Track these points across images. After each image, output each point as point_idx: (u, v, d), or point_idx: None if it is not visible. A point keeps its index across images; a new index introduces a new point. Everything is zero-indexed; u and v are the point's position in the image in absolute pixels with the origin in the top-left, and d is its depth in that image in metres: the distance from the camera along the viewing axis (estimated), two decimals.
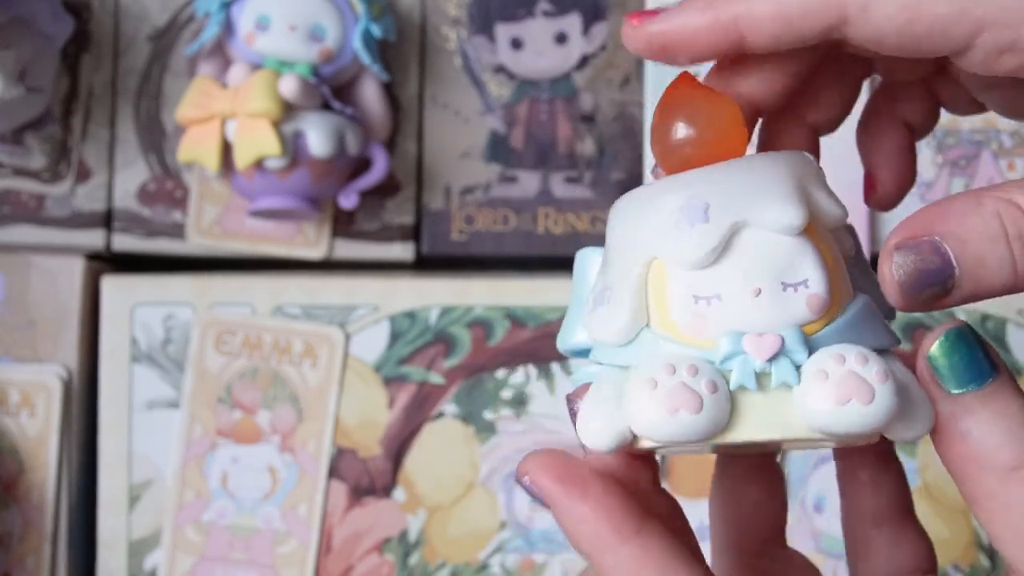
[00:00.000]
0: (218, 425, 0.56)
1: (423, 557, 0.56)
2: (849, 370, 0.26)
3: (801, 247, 0.27)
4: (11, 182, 0.57)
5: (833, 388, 0.26)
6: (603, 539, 0.28)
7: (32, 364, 0.56)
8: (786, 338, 0.27)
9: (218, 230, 0.58)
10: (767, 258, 0.27)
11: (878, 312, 0.29)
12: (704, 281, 0.27)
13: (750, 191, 0.28)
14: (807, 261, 0.27)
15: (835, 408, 0.26)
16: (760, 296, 0.27)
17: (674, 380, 0.27)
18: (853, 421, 0.26)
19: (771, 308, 0.27)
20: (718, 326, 0.27)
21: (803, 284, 0.27)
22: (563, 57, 0.58)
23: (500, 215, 0.58)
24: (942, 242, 0.26)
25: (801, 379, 0.27)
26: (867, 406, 0.26)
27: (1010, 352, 0.55)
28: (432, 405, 0.56)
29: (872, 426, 0.26)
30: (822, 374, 0.27)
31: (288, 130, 0.52)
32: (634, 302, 0.28)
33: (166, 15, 0.58)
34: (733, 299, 0.27)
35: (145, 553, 0.56)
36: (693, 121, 0.29)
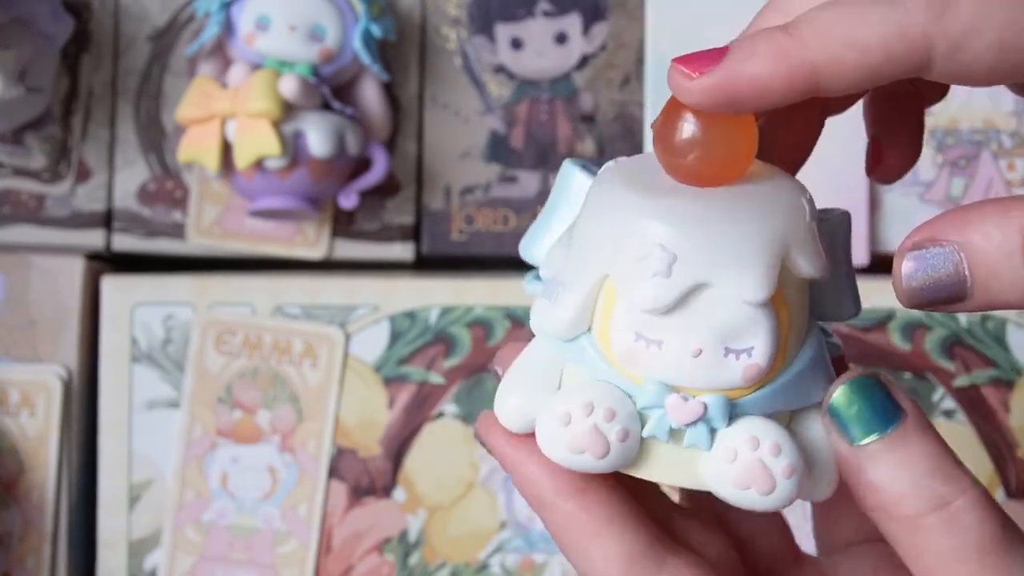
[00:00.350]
0: (218, 425, 0.56)
1: (423, 557, 0.56)
2: (757, 458, 0.27)
3: (757, 317, 0.27)
4: (11, 182, 0.57)
5: (737, 473, 0.27)
6: (546, 498, 0.28)
7: (32, 364, 0.56)
8: (709, 406, 0.27)
9: (218, 230, 0.58)
10: (718, 321, 0.27)
11: (822, 357, 0.28)
12: (649, 324, 0.27)
13: (723, 252, 0.26)
14: (758, 331, 0.27)
15: (733, 490, 0.27)
16: (699, 356, 0.27)
17: (587, 422, 0.27)
18: (749, 504, 0.27)
19: (705, 370, 0.27)
20: (650, 370, 0.27)
21: (746, 352, 0.27)
22: (563, 57, 0.58)
23: (500, 215, 0.58)
24: (958, 251, 0.25)
25: (713, 448, 0.27)
26: (764, 496, 0.27)
27: (1010, 352, 0.55)
28: (432, 405, 0.56)
29: (765, 510, 0.27)
30: (731, 454, 0.27)
31: (288, 130, 0.52)
32: (580, 309, 0.28)
33: (166, 15, 0.58)
34: (672, 351, 0.27)
35: (145, 553, 0.56)
36: (706, 127, 0.27)
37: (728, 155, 0.28)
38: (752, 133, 0.28)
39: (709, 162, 0.27)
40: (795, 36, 0.25)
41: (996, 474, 0.55)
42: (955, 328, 0.55)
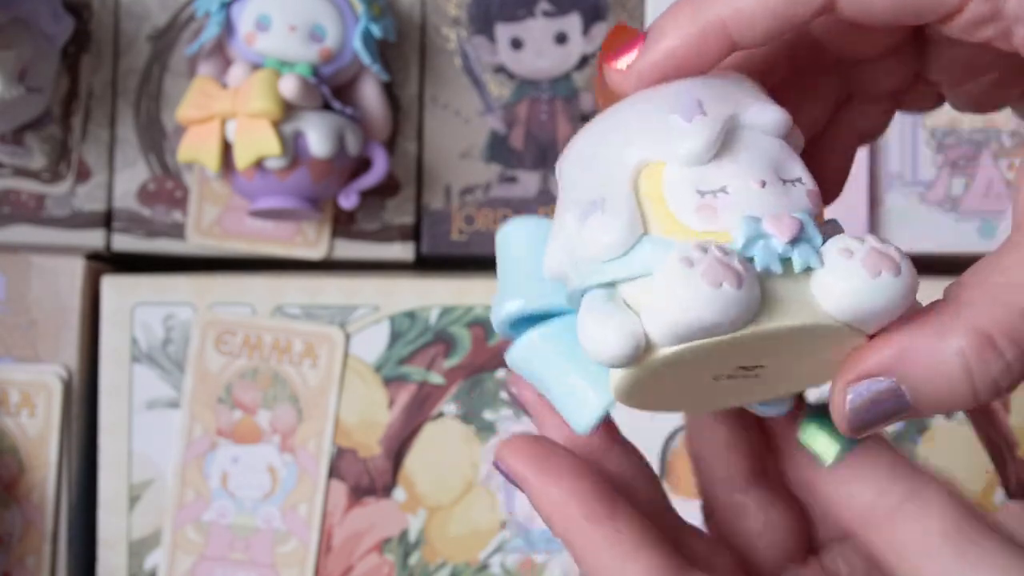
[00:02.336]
0: (218, 425, 0.56)
1: (423, 557, 0.56)
2: (872, 247, 0.26)
3: (788, 151, 0.27)
4: (11, 182, 0.57)
5: (862, 263, 0.25)
6: (574, 522, 0.28)
7: (32, 364, 0.56)
8: (803, 221, 0.26)
9: (218, 230, 0.58)
10: (763, 156, 0.27)
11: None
12: (707, 176, 0.26)
13: (731, 92, 0.27)
14: (797, 163, 0.27)
15: (868, 281, 0.25)
16: (765, 188, 0.26)
17: (710, 256, 0.25)
18: (887, 293, 0.25)
19: (778, 198, 0.26)
20: (732, 214, 0.26)
21: (799, 181, 0.27)
22: (563, 57, 0.58)
23: (500, 215, 0.58)
24: (899, 384, 0.26)
25: (825, 261, 0.26)
26: (897, 277, 0.25)
27: None
28: (432, 405, 0.56)
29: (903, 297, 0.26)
30: (847, 252, 0.25)
31: (288, 130, 0.52)
32: (629, 208, 0.27)
33: (166, 15, 0.58)
34: (740, 191, 0.26)
35: (145, 553, 0.56)
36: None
37: None
38: None
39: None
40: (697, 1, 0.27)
41: (996, 474, 0.55)
42: None
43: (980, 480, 0.55)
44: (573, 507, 0.28)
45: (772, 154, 0.27)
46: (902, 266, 0.25)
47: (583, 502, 0.28)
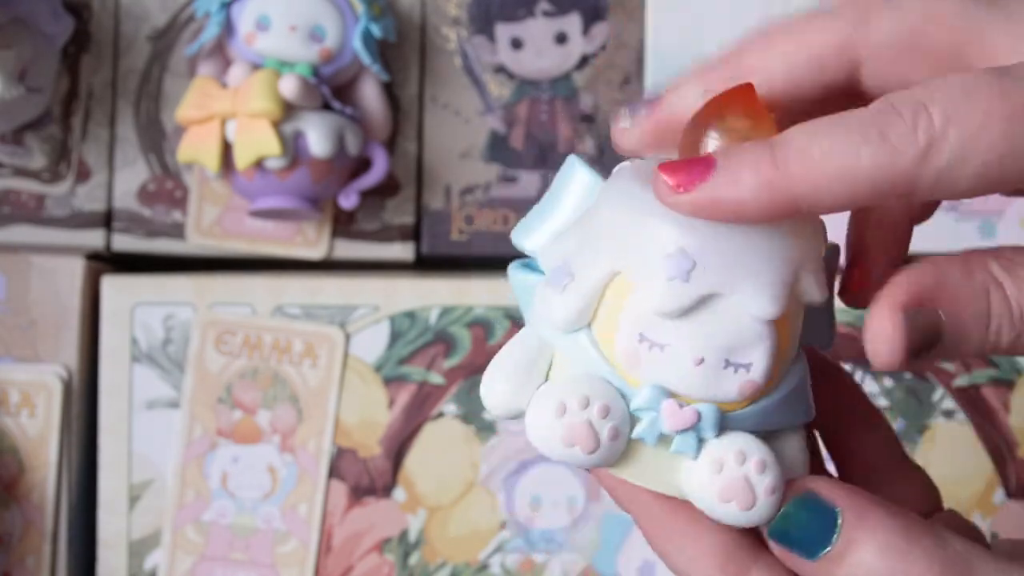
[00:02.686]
0: (218, 425, 0.56)
1: (423, 557, 0.56)
2: (742, 474, 0.27)
3: (762, 334, 0.27)
4: (11, 182, 0.57)
5: (720, 485, 0.27)
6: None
7: (32, 364, 0.56)
8: (703, 416, 0.27)
9: (218, 230, 0.58)
10: (724, 333, 0.27)
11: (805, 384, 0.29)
12: (656, 326, 0.27)
13: (740, 266, 0.27)
14: (759, 349, 0.27)
15: (715, 501, 0.27)
16: (700, 365, 0.27)
17: (582, 416, 0.27)
18: (727, 518, 0.27)
19: (705, 380, 0.27)
20: (649, 373, 0.27)
21: (745, 367, 0.27)
22: (563, 57, 0.58)
23: (500, 215, 0.58)
24: (941, 311, 0.27)
25: (699, 456, 0.27)
26: (743, 511, 0.27)
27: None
28: (432, 405, 0.56)
29: (744, 525, 0.28)
30: (717, 465, 0.27)
31: (288, 130, 0.52)
32: (585, 302, 0.28)
33: (166, 15, 0.58)
34: (675, 356, 0.27)
35: (145, 553, 0.56)
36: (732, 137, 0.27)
37: None
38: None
39: None
40: (780, 166, 0.26)
41: (996, 474, 0.55)
42: None
43: (980, 480, 0.55)
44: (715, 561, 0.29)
45: (735, 334, 0.27)
46: (758, 504, 0.27)
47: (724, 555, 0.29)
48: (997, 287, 0.27)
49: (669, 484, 0.28)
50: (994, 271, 0.27)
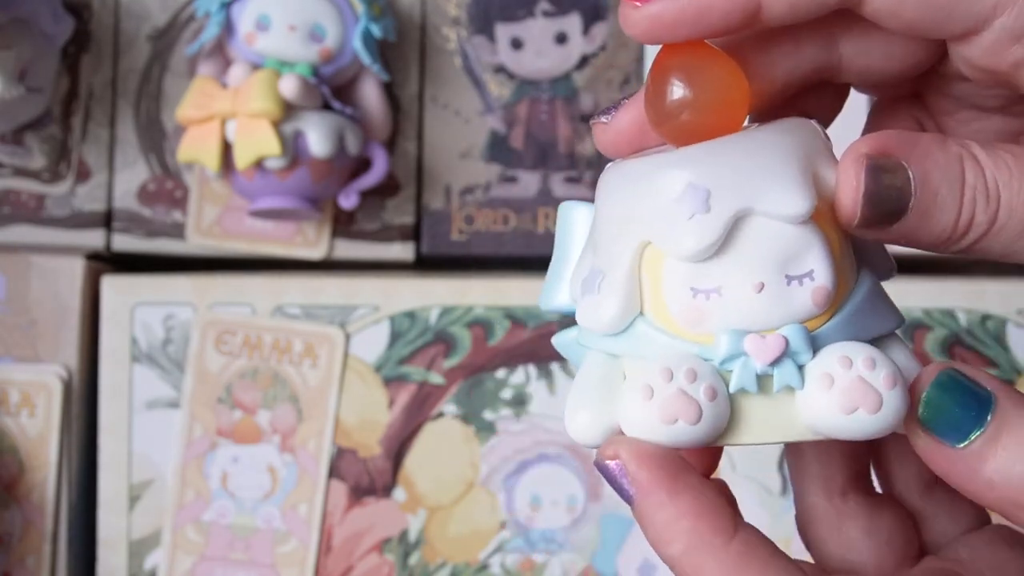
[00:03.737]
0: (218, 425, 0.56)
1: (423, 557, 0.56)
2: (856, 376, 0.25)
3: (807, 236, 0.25)
4: (11, 182, 0.57)
5: (839, 396, 0.25)
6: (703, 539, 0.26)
7: (32, 364, 0.56)
8: (790, 339, 0.25)
9: (218, 230, 0.58)
10: (771, 249, 0.25)
11: (882, 291, 0.27)
12: (703, 273, 0.26)
13: (754, 175, 0.25)
14: (812, 251, 0.25)
15: (841, 416, 0.25)
16: (763, 291, 0.25)
17: (671, 388, 0.25)
18: (860, 430, 0.25)
19: (774, 304, 0.25)
20: (718, 322, 0.26)
21: (808, 276, 0.25)
22: (563, 57, 0.58)
23: (500, 215, 0.58)
24: (909, 168, 0.26)
25: (805, 383, 0.25)
26: (873, 415, 0.25)
27: (1010, 352, 0.55)
28: (432, 405, 0.56)
29: (878, 434, 0.25)
30: (827, 379, 0.25)
31: (288, 130, 0.52)
32: (626, 290, 0.26)
33: (166, 15, 0.58)
34: (734, 293, 0.25)
35: (145, 553, 0.56)
36: (693, 83, 0.26)
37: (719, 103, 0.27)
38: (740, 80, 0.27)
39: (702, 115, 0.26)
40: None
41: None
42: (955, 328, 0.55)
43: None
44: (703, 521, 0.26)
45: (782, 246, 0.25)
46: (885, 400, 0.25)
47: (713, 515, 0.26)
48: (972, 158, 0.26)
49: (793, 427, 0.26)
50: (971, 147, 0.26)
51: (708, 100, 0.26)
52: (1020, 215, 0.26)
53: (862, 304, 0.26)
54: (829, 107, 0.32)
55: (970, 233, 0.26)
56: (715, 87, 0.27)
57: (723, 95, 0.27)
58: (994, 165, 0.26)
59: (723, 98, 0.27)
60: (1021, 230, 0.26)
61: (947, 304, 0.55)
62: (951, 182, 0.26)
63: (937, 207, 0.26)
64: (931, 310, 0.55)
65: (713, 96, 0.26)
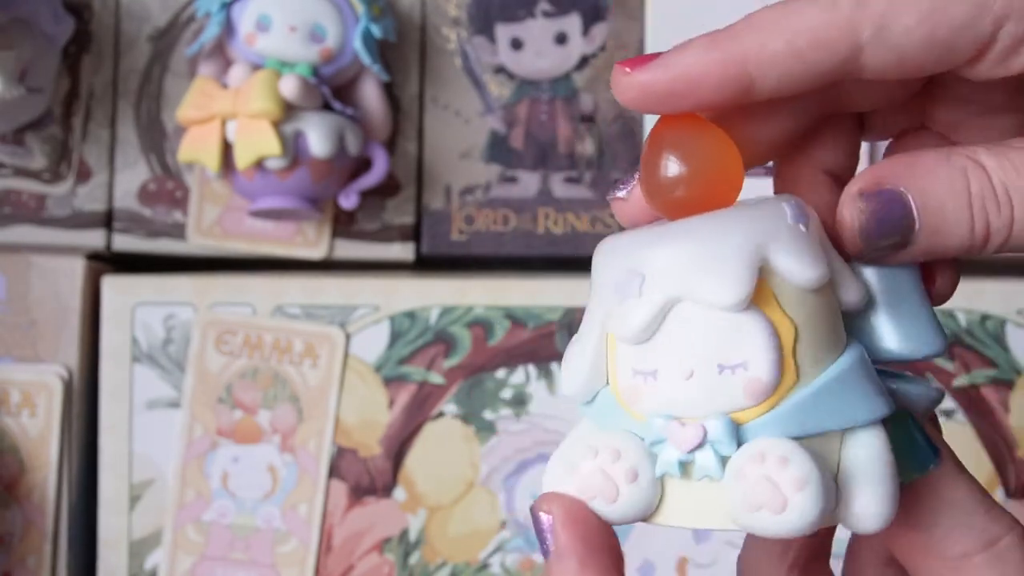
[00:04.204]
0: (218, 425, 0.56)
1: (423, 557, 0.56)
2: (762, 475, 0.24)
3: (743, 326, 0.25)
4: (12, 182, 0.57)
5: (744, 493, 0.25)
6: None
7: (33, 364, 0.56)
8: (709, 430, 0.25)
9: (218, 230, 0.58)
10: (701, 337, 0.25)
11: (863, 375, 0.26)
12: (642, 356, 0.26)
13: (692, 261, 0.25)
14: (750, 341, 0.25)
15: (747, 515, 0.25)
16: (691, 379, 0.25)
17: (590, 466, 0.26)
18: (765, 528, 0.25)
19: (702, 393, 0.25)
20: (651, 405, 0.26)
21: (742, 366, 0.25)
22: (563, 57, 0.58)
23: (500, 215, 0.58)
24: (906, 192, 0.26)
25: (725, 474, 0.25)
26: (776, 516, 0.24)
27: (1010, 352, 0.55)
28: (432, 405, 0.56)
29: (789, 534, 0.24)
30: (740, 474, 0.25)
31: (288, 130, 0.52)
32: (592, 361, 0.27)
33: (167, 15, 0.58)
34: (667, 378, 0.25)
35: (146, 553, 0.56)
36: (687, 158, 0.26)
37: (712, 180, 0.27)
38: (734, 156, 0.27)
39: (695, 190, 0.26)
40: (729, 30, 0.26)
41: (996, 474, 0.55)
42: (955, 328, 0.55)
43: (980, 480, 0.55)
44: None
45: (713, 335, 0.25)
46: (789, 504, 0.24)
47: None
48: (976, 166, 0.26)
49: (715, 516, 0.25)
50: (976, 154, 0.26)
51: (701, 176, 0.26)
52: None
53: (813, 396, 0.25)
54: (846, 138, 0.31)
55: (992, 239, 0.26)
56: (708, 164, 0.27)
57: (716, 172, 0.27)
58: (1000, 167, 0.26)
59: (716, 175, 0.27)
60: None
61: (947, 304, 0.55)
62: (956, 196, 0.26)
63: (946, 222, 0.26)
64: None
65: (706, 172, 0.27)
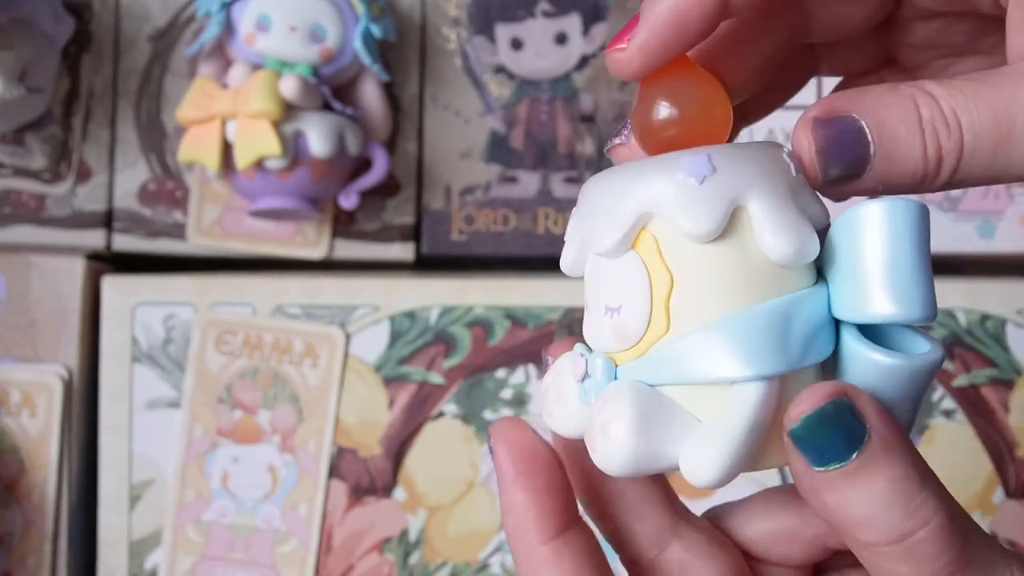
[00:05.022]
0: (218, 425, 0.56)
1: (423, 557, 0.56)
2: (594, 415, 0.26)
3: (625, 271, 0.26)
4: (12, 182, 0.57)
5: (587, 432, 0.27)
6: (522, 532, 0.28)
7: (33, 364, 0.56)
8: (589, 364, 0.27)
9: (218, 230, 0.58)
10: (593, 281, 0.27)
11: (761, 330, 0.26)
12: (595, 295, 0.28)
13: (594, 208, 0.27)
14: (625, 287, 0.26)
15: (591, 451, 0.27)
16: (593, 317, 0.27)
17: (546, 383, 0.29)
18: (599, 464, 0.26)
19: (595, 331, 0.27)
20: (584, 334, 0.28)
21: (617, 311, 0.26)
22: (563, 57, 0.58)
23: (500, 215, 0.58)
24: (860, 118, 0.26)
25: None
26: (594, 453, 0.26)
27: (1010, 352, 0.55)
28: (432, 405, 0.56)
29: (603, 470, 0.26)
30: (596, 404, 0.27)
31: (288, 130, 0.52)
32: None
33: (167, 15, 0.58)
34: (588, 313, 0.28)
35: (146, 553, 0.56)
36: (678, 101, 0.28)
37: (702, 120, 0.28)
38: (722, 97, 0.28)
39: (685, 130, 0.28)
40: None
41: (996, 474, 0.55)
42: (955, 328, 0.55)
43: (980, 480, 0.55)
44: (528, 517, 0.28)
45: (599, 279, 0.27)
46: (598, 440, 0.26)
47: (538, 514, 0.28)
48: (924, 94, 0.26)
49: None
50: (923, 84, 0.27)
51: (691, 117, 0.28)
52: (986, 134, 0.26)
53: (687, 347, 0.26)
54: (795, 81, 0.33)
55: (944, 164, 0.26)
56: (698, 105, 0.28)
57: (706, 112, 0.28)
58: (948, 94, 0.26)
59: (706, 115, 0.28)
60: (992, 148, 0.26)
61: (947, 304, 0.55)
62: (908, 121, 0.26)
63: (900, 147, 0.26)
64: None
65: (696, 113, 0.28)
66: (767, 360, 0.26)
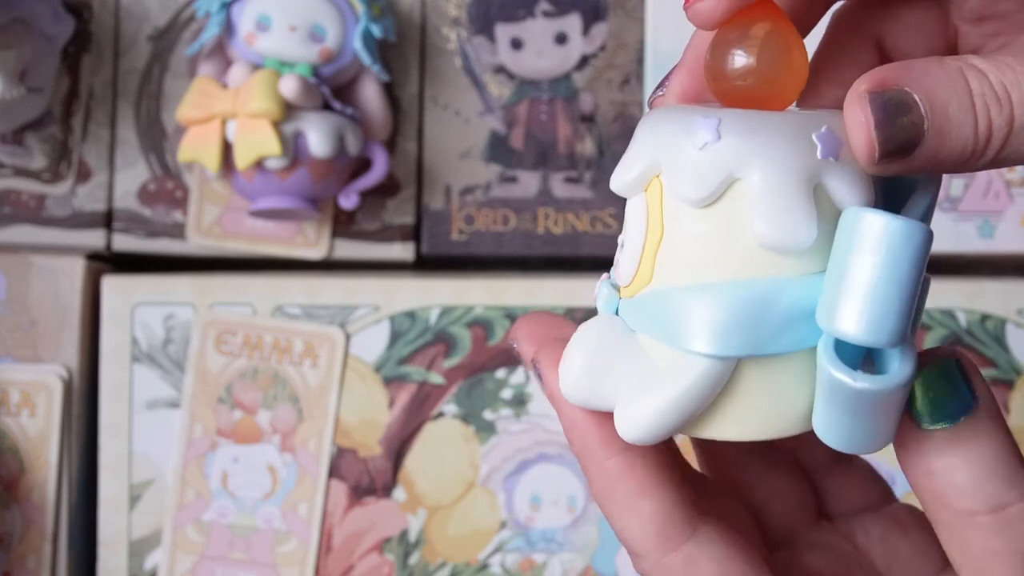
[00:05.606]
0: (218, 425, 0.56)
1: (423, 557, 0.56)
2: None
3: (632, 214, 0.27)
4: (12, 182, 0.57)
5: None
6: (591, 448, 0.28)
7: (33, 364, 0.56)
8: (599, 293, 0.28)
9: (218, 230, 0.58)
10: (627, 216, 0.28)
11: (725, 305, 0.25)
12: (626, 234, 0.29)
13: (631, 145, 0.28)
14: (628, 229, 0.27)
15: None
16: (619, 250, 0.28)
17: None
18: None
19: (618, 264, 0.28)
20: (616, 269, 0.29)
21: (622, 247, 0.28)
22: (563, 57, 0.58)
23: (500, 215, 0.58)
24: (912, 92, 0.25)
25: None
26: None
27: (1010, 352, 0.55)
28: (432, 405, 0.56)
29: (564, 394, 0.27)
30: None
31: (288, 130, 0.52)
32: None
33: (167, 15, 0.58)
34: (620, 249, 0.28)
35: (145, 553, 0.56)
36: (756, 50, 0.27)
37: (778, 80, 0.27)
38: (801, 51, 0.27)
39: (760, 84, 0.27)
40: None
41: None
42: (955, 328, 0.55)
43: None
44: (593, 432, 0.28)
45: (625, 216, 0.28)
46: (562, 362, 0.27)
47: (603, 428, 0.27)
48: (972, 68, 0.26)
49: None
50: (969, 59, 0.26)
51: (769, 72, 0.27)
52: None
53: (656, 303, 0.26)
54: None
55: (993, 140, 0.26)
56: (779, 61, 0.27)
57: (783, 72, 0.27)
58: (996, 69, 0.26)
59: (782, 75, 0.27)
60: None
61: (947, 304, 0.55)
62: (959, 95, 0.25)
63: (952, 123, 0.25)
64: (931, 310, 0.55)
65: (775, 69, 0.27)
66: (727, 341, 0.25)
